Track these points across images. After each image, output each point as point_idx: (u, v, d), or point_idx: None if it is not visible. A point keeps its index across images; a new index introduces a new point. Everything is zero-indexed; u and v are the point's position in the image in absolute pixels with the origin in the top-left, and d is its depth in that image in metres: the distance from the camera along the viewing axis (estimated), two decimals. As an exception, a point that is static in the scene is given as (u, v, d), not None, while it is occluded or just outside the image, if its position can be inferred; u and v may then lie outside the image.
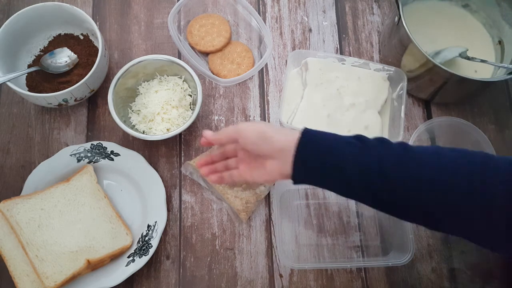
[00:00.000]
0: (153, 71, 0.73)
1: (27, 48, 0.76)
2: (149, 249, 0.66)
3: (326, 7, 0.83)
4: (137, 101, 0.73)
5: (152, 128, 0.71)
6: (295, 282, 0.68)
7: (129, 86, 0.73)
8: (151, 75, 0.74)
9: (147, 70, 0.72)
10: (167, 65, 0.72)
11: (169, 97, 0.71)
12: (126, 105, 0.73)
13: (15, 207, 0.65)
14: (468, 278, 0.69)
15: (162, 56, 0.71)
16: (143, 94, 0.73)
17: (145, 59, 0.70)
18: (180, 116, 0.71)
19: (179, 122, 0.71)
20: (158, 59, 0.71)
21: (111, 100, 0.68)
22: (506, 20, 0.75)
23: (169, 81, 0.73)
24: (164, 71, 0.74)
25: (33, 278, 0.63)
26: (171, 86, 0.73)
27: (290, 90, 0.75)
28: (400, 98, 0.72)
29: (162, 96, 0.71)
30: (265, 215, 0.71)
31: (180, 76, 0.73)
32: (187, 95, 0.73)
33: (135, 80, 0.73)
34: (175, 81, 0.73)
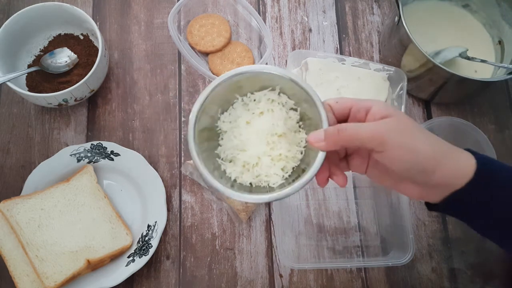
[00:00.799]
0: (228, 95, 0.49)
1: (27, 48, 0.76)
2: (149, 249, 0.66)
3: (326, 7, 0.83)
4: (224, 145, 0.49)
5: (261, 175, 0.48)
6: (295, 282, 0.68)
7: (206, 125, 0.49)
8: (227, 101, 0.50)
9: (220, 96, 0.48)
10: (243, 79, 0.47)
11: (270, 124, 0.48)
12: (210, 154, 0.49)
13: (15, 207, 0.65)
14: (468, 278, 0.69)
15: (234, 71, 0.47)
16: (229, 132, 0.49)
17: (218, 82, 0.46)
18: (292, 144, 0.48)
19: (293, 154, 0.48)
20: (230, 76, 0.46)
21: (195, 155, 0.45)
22: (506, 20, 0.75)
23: (259, 100, 0.49)
24: (240, 88, 0.49)
25: (33, 278, 0.63)
26: (264, 106, 0.49)
27: (290, 90, 0.74)
28: (400, 98, 0.72)
29: (259, 127, 0.48)
30: (265, 215, 0.71)
31: (272, 87, 0.49)
32: (289, 111, 0.49)
33: (209, 116, 0.49)
34: (267, 96, 0.49)
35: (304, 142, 0.48)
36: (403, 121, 0.40)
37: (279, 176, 0.48)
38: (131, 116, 0.76)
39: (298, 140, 0.49)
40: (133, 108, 0.76)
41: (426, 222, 0.71)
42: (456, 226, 0.71)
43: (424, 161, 0.39)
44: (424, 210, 0.72)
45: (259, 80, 0.48)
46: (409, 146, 0.39)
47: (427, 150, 0.39)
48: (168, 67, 0.79)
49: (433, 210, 0.43)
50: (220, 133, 0.50)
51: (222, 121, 0.50)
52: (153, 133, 0.75)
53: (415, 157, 0.39)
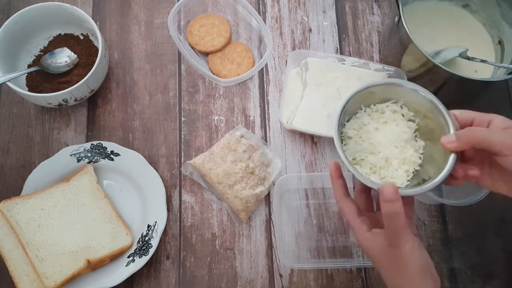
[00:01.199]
0: (355, 105, 0.56)
1: (27, 48, 0.76)
2: (149, 249, 0.66)
3: (326, 7, 0.83)
4: (352, 148, 0.55)
5: (387, 177, 0.54)
6: (295, 282, 0.68)
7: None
8: (352, 111, 0.57)
9: (350, 105, 0.54)
10: (374, 90, 0.55)
11: (398, 130, 0.55)
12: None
13: (15, 207, 0.65)
14: (468, 278, 0.69)
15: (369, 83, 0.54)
16: (356, 138, 0.56)
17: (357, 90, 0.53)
18: (417, 150, 0.55)
19: (415, 159, 0.54)
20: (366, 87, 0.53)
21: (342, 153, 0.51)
22: (506, 20, 0.75)
23: (382, 111, 0.56)
24: (365, 99, 0.56)
25: (33, 278, 0.63)
26: (389, 116, 0.56)
27: (290, 90, 0.75)
28: (400, 98, 0.72)
29: (389, 132, 0.55)
30: (265, 215, 0.71)
31: (396, 100, 0.56)
32: (408, 122, 0.56)
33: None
34: (390, 108, 0.56)
35: (422, 149, 0.55)
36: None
37: (404, 178, 0.53)
38: (131, 116, 0.76)
39: (417, 147, 0.55)
40: (133, 108, 0.76)
41: (426, 222, 0.71)
42: (456, 226, 0.71)
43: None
44: (424, 210, 0.72)
45: (386, 92, 0.55)
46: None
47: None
48: (168, 67, 0.79)
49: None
50: (343, 139, 0.56)
51: (347, 128, 0.56)
52: (153, 133, 0.75)
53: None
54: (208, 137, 0.75)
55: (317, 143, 0.75)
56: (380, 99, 0.56)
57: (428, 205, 0.72)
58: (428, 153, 0.55)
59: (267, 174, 0.70)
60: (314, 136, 0.75)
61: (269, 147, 0.73)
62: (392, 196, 0.45)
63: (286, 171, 0.73)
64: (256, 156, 0.70)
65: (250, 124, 0.76)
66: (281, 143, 0.75)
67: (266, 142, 0.74)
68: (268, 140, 0.75)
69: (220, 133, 0.75)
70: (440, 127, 0.52)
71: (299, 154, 0.74)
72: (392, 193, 0.45)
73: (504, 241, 0.70)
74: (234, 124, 0.75)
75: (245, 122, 0.76)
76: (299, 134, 0.75)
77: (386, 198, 0.45)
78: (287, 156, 0.74)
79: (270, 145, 0.74)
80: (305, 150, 0.74)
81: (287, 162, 0.74)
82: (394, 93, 0.55)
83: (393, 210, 0.45)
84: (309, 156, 0.74)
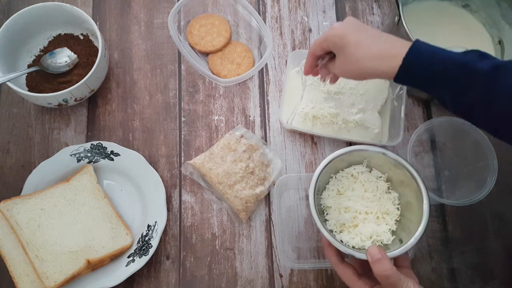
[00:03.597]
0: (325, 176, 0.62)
1: (27, 48, 0.76)
2: (149, 249, 0.66)
3: (326, 7, 0.83)
4: (335, 216, 0.61)
5: (373, 236, 0.59)
6: (295, 282, 0.68)
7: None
8: (325, 179, 0.63)
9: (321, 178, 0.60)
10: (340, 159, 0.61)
11: (370, 189, 0.61)
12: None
13: (15, 207, 0.65)
14: (468, 278, 0.69)
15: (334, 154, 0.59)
16: (335, 206, 0.61)
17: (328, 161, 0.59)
18: (393, 201, 0.62)
19: (393, 209, 0.61)
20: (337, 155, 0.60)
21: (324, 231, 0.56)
22: (506, 20, 0.75)
23: (352, 174, 0.63)
24: (336, 167, 0.62)
25: (33, 278, 0.63)
26: (360, 178, 0.62)
27: (290, 90, 0.75)
28: (400, 98, 0.72)
29: (363, 191, 0.61)
30: (265, 215, 0.71)
31: (360, 162, 0.63)
32: (378, 179, 0.63)
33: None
34: (358, 170, 0.63)
35: (398, 199, 0.61)
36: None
37: (389, 235, 0.59)
38: (131, 116, 0.76)
39: (393, 199, 0.61)
40: (133, 108, 0.76)
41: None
42: (456, 226, 0.71)
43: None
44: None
45: (350, 157, 0.61)
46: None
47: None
48: (168, 67, 0.79)
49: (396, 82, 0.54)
50: (324, 209, 0.62)
51: (324, 198, 0.62)
52: (153, 133, 0.75)
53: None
54: (208, 137, 0.75)
55: (317, 143, 0.75)
56: (347, 163, 0.63)
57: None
58: (404, 200, 0.61)
59: (267, 174, 0.70)
60: (314, 136, 0.75)
61: (269, 147, 0.73)
62: (378, 255, 0.49)
63: (286, 171, 0.73)
64: (256, 156, 0.70)
65: (250, 124, 0.76)
66: (281, 143, 0.75)
67: (266, 142, 0.74)
68: (268, 140, 0.75)
69: (220, 133, 0.75)
70: (407, 178, 0.59)
71: (299, 154, 0.74)
72: (377, 253, 0.50)
73: (504, 241, 0.70)
74: (234, 124, 0.75)
75: (245, 122, 0.76)
76: (299, 134, 0.75)
77: (373, 259, 0.50)
78: (287, 156, 0.74)
79: (270, 145, 0.74)
80: (305, 150, 0.74)
81: (287, 162, 0.74)
82: (358, 157, 0.62)
83: (384, 268, 0.49)
84: (309, 156, 0.74)
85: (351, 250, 0.55)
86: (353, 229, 0.59)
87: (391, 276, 0.49)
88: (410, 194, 0.59)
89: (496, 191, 0.66)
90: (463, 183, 0.71)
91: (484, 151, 0.68)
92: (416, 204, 0.58)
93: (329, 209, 0.62)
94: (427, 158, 0.74)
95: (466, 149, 0.72)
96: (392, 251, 0.54)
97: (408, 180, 0.59)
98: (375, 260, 0.49)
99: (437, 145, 0.75)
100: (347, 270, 0.54)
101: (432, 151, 0.75)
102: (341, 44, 0.55)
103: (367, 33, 0.55)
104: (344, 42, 0.54)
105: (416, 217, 0.57)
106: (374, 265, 0.50)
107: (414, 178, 0.58)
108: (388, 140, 0.71)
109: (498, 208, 0.71)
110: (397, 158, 0.59)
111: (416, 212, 0.57)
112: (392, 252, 0.54)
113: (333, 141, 0.75)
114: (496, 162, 0.66)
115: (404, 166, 0.59)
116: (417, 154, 0.74)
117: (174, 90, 0.77)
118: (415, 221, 0.57)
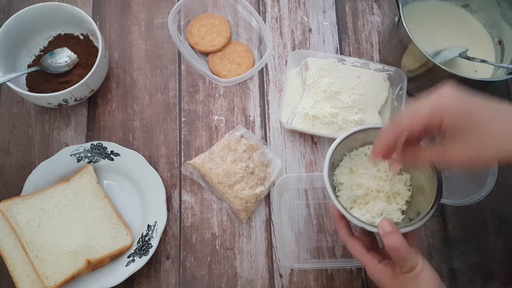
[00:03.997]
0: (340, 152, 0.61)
1: (27, 48, 0.76)
2: (149, 249, 0.66)
3: (326, 7, 0.83)
4: (346, 193, 0.60)
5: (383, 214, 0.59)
6: (295, 282, 0.68)
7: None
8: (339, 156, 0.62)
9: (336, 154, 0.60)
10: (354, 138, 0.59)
11: (383, 169, 0.60)
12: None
13: (15, 207, 0.65)
14: (468, 278, 0.69)
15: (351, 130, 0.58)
16: (347, 183, 0.61)
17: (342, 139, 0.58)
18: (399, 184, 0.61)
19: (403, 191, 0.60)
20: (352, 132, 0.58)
21: (337, 203, 0.55)
22: (506, 20, 0.75)
23: (366, 153, 0.61)
24: (351, 145, 0.61)
25: (33, 278, 0.63)
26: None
27: (290, 90, 0.75)
28: (400, 98, 0.72)
29: (375, 171, 0.60)
30: (265, 215, 0.71)
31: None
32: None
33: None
34: (370, 150, 0.61)
35: (409, 181, 0.59)
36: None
37: (399, 213, 0.58)
38: (131, 116, 0.76)
39: (404, 180, 0.59)
40: (133, 108, 0.76)
41: (426, 222, 0.71)
42: (456, 226, 0.71)
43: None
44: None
45: (366, 136, 0.59)
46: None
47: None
48: (168, 67, 0.79)
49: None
50: (336, 185, 0.61)
51: (337, 175, 0.61)
52: (153, 133, 0.75)
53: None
54: (208, 137, 0.75)
55: (317, 143, 0.75)
56: (361, 143, 0.61)
57: (428, 205, 0.72)
58: (416, 183, 0.60)
59: (267, 174, 0.70)
60: (314, 136, 0.75)
61: (269, 147, 0.73)
62: (390, 228, 0.50)
63: (286, 171, 0.73)
64: (256, 156, 0.70)
65: (250, 124, 0.76)
66: (281, 143, 0.75)
67: (266, 142, 0.74)
68: (268, 140, 0.75)
69: (220, 133, 0.75)
70: None
71: (299, 154, 0.74)
72: (389, 226, 0.50)
73: (504, 241, 0.70)
74: (234, 124, 0.75)
75: (245, 122, 0.76)
76: (299, 134, 0.75)
77: (385, 232, 0.50)
78: (287, 156, 0.74)
79: (270, 145, 0.74)
80: (305, 150, 0.74)
81: (287, 162, 0.74)
82: (373, 136, 0.58)
83: (394, 241, 0.49)
84: (309, 156, 0.74)
85: (363, 223, 0.54)
86: (364, 206, 0.59)
87: (401, 249, 0.48)
88: (422, 177, 0.59)
89: (496, 191, 0.66)
90: (463, 183, 0.71)
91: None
92: (427, 187, 0.57)
93: (341, 186, 0.61)
94: (427, 158, 0.74)
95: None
96: (403, 227, 0.54)
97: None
98: (387, 232, 0.49)
99: (437, 145, 0.75)
100: (356, 243, 0.54)
101: (432, 151, 0.75)
102: (469, 119, 0.41)
103: (492, 105, 0.42)
104: (474, 117, 0.41)
105: (426, 200, 0.56)
106: (386, 238, 0.49)
107: None
108: (388, 140, 0.71)
109: (498, 208, 0.71)
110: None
111: (427, 196, 0.57)
112: (403, 229, 0.53)
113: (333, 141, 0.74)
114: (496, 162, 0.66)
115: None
116: (417, 154, 0.74)
117: (174, 90, 0.77)
118: (425, 204, 0.56)
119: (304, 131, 0.72)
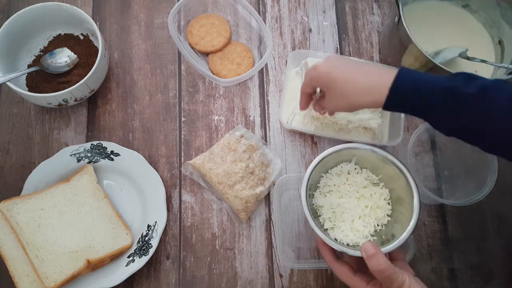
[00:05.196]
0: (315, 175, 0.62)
1: (27, 48, 0.76)
2: (149, 249, 0.66)
3: (326, 7, 0.83)
4: (326, 214, 0.62)
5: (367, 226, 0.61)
6: (295, 282, 0.68)
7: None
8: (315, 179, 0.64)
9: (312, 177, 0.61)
10: (326, 160, 0.62)
11: (359, 182, 0.63)
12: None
13: (15, 207, 0.65)
14: (468, 278, 0.69)
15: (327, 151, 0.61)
16: (326, 205, 0.63)
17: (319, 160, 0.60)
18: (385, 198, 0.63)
19: (383, 203, 0.62)
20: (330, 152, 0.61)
21: (318, 230, 0.56)
22: (506, 20, 0.75)
23: (341, 172, 0.65)
24: (325, 167, 0.64)
25: (33, 278, 0.63)
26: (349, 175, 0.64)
27: (290, 90, 0.75)
28: (400, 98, 0.72)
29: (354, 187, 0.63)
30: (265, 215, 0.71)
31: (349, 160, 0.64)
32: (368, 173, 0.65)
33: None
34: (344, 169, 0.64)
35: (387, 195, 0.62)
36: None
37: (382, 227, 0.61)
38: (131, 116, 0.76)
39: (383, 193, 0.62)
40: (133, 108, 0.76)
41: (426, 222, 0.71)
42: (456, 226, 0.71)
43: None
44: (424, 210, 0.72)
45: (338, 156, 0.62)
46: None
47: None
48: (168, 67, 0.79)
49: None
50: (316, 209, 0.63)
51: (316, 198, 0.63)
52: (153, 133, 0.75)
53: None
54: (208, 137, 0.75)
55: (317, 143, 0.75)
56: (335, 163, 0.64)
57: (428, 205, 0.72)
58: (395, 195, 0.62)
59: (267, 174, 0.70)
60: (314, 136, 0.75)
61: (269, 147, 0.73)
62: (372, 250, 0.50)
63: (286, 171, 0.73)
64: (256, 156, 0.70)
65: (250, 124, 0.76)
66: (281, 143, 0.75)
67: (266, 142, 0.74)
68: (268, 140, 0.75)
69: (220, 133, 0.75)
70: (396, 174, 0.59)
71: (299, 154, 0.74)
72: (371, 248, 0.50)
73: (504, 241, 0.70)
74: (234, 124, 0.75)
75: (245, 122, 0.76)
76: (299, 134, 0.75)
77: (368, 254, 0.50)
78: (287, 156, 0.74)
79: (270, 145, 0.74)
80: (305, 150, 0.74)
81: (287, 162, 0.74)
82: (347, 155, 0.63)
83: (378, 263, 0.49)
84: (309, 156, 0.74)
85: (345, 248, 0.55)
86: (346, 225, 0.60)
87: (386, 270, 0.49)
88: (400, 189, 0.60)
89: (496, 191, 0.66)
90: (463, 183, 0.71)
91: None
92: (407, 199, 0.58)
93: (321, 208, 0.62)
94: (427, 158, 0.74)
95: (466, 149, 0.71)
96: (385, 246, 0.54)
97: (398, 175, 0.59)
98: (369, 255, 0.50)
99: (437, 145, 0.75)
100: (343, 267, 0.55)
101: (432, 151, 0.75)
102: (328, 82, 0.56)
103: (351, 68, 0.55)
104: (331, 80, 0.55)
105: (407, 211, 0.58)
106: (369, 261, 0.50)
107: (403, 174, 0.58)
108: (388, 140, 0.71)
109: (498, 208, 0.71)
110: (385, 155, 0.60)
111: (407, 206, 0.58)
112: (385, 248, 0.54)
113: (333, 141, 0.75)
114: (496, 162, 0.66)
115: (393, 162, 0.59)
116: (417, 154, 0.74)
117: (174, 90, 0.77)
118: (407, 215, 0.57)
119: (304, 131, 0.72)
